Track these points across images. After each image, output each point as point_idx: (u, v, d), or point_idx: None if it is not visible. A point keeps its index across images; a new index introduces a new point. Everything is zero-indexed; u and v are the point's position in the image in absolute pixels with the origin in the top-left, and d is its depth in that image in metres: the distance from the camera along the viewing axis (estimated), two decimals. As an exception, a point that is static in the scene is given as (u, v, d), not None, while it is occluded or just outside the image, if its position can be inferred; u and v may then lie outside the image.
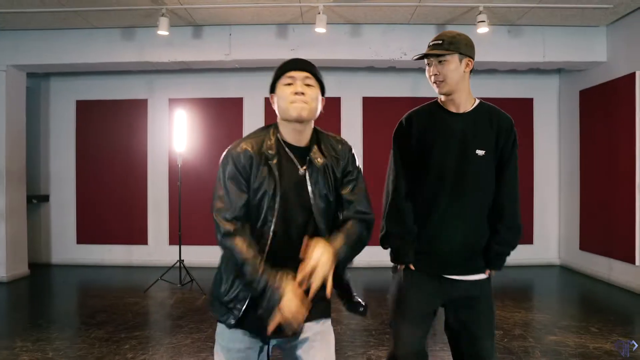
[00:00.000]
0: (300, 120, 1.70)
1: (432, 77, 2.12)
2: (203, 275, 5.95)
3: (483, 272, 2.15)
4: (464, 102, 2.13)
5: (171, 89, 7.12)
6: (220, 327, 1.81)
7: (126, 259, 7.15)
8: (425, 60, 2.14)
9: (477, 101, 2.16)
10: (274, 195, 1.68)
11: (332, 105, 6.89)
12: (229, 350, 1.79)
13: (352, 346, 3.80)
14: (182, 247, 6.04)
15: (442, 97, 2.17)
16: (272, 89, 1.78)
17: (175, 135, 5.88)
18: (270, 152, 1.71)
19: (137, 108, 7.16)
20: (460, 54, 2.06)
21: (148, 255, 7.11)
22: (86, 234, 7.20)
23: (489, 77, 6.96)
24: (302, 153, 1.75)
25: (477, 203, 2.12)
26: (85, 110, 7.19)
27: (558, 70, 6.95)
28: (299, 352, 1.78)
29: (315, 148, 1.75)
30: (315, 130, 1.81)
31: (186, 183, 6.62)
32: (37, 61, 6.15)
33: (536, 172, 7.12)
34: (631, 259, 5.43)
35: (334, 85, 6.92)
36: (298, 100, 1.68)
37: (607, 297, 5.37)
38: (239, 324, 1.74)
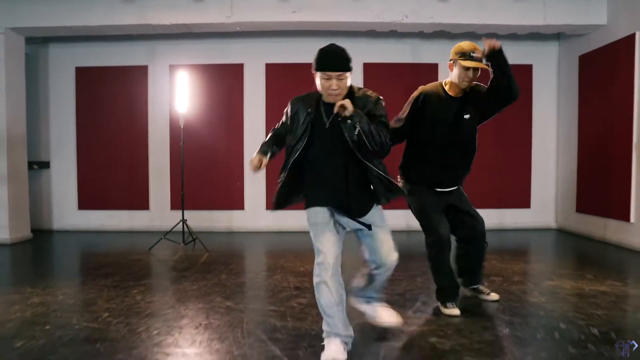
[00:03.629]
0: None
1: (468, 79, 3.24)
2: (205, 238, 6.03)
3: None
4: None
5: (172, 55, 7.11)
6: (307, 211, 2.57)
7: (127, 224, 7.21)
8: (466, 63, 3.22)
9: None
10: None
11: (333, 71, 6.90)
12: (315, 225, 2.51)
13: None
14: (186, 211, 6.10)
15: (454, 88, 3.32)
16: (315, 68, 2.48)
17: (178, 97, 5.90)
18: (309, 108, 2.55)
19: (137, 74, 7.15)
20: None
21: (150, 221, 7.17)
22: (87, 200, 7.24)
23: (489, 42, 6.99)
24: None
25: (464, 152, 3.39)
26: (85, 77, 7.18)
27: (557, 35, 7.00)
28: (368, 236, 2.58)
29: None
30: (350, 89, 2.51)
31: (187, 149, 6.66)
32: (36, 24, 6.12)
33: (534, 139, 7.19)
34: (626, 217, 5.55)
35: (335, 50, 6.93)
36: (333, 94, 2.42)
37: (602, 253, 5.48)
38: (312, 203, 2.55)
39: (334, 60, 2.43)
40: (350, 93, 2.51)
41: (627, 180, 5.52)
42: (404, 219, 6.39)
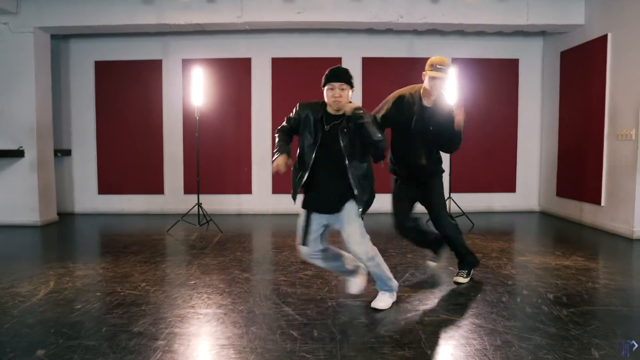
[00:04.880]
0: (337, 110, 3.06)
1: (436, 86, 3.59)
2: (217, 220, 6.64)
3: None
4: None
5: (184, 50, 7.65)
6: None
7: (144, 207, 7.82)
8: (433, 74, 3.53)
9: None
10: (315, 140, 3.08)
11: (334, 64, 7.43)
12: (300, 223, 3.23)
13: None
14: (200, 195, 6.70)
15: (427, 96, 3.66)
16: (324, 85, 3.07)
17: (194, 90, 6.46)
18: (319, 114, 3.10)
19: (152, 68, 7.70)
20: None
21: (164, 204, 7.79)
22: (106, 185, 7.84)
23: (478, 38, 7.53)
24: (335, 118, 3.07)
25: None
26: (104, 70, 7.72)
27: (542, 32, 7.52)
28: (341, 226, 3.11)
29: (343, 119, 3.06)
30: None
31: (200, 138, 7.22)
32: (61, 23, 6.65)
33: (520, 127, 7.78)
34: (598, 201, 6.16)
35: (336, 46, 7.49)
36: (336, 101, 3.01)
37: (575, 234, 6.10)
38: (304, 206, 3.20)
39: (335, 75, 3.05)
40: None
41: (599, 168, 6.12)
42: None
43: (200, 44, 7.61)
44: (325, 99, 3.08)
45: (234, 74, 7.65)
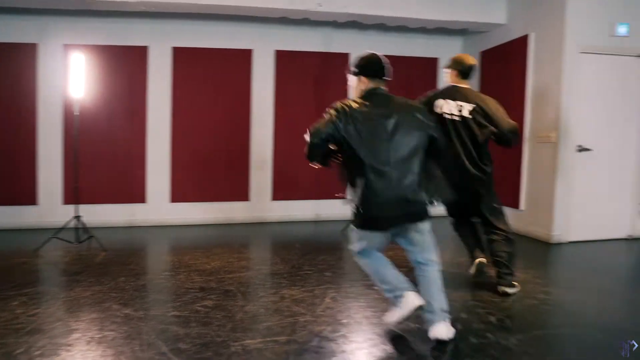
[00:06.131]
0: None
1: None
2: (103, 234, 5.59)
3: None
4: None
5: (67, 34, 6.44)
6: None
7: (12, 221, 6.48)
8: None
9: None
10: None
11: (244, 58, 6.66)
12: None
13: (263, 288, 3.78)
14: (81, 205, 5.60)
15: None
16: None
17: (72, 81, 5.36)
18: None
19: (25, 53, 6.39)
20: None
21: (38, 217, 6.49)
22: (-35, 195, 6.44)
23: (399, 35, 7.11)
24: None
25: None
26: (-40, 54, 6.34)
27: (462, 31, 7.26)
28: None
29: None
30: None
31: (83, 138, 6.09)
32: None
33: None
34: (516, 205, 5.99)
35: (247, 37, 6.71)
36: None
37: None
38: None
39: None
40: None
41: (518, 172, 5.96)
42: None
43: (87, 27, 6.46)
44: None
45: (128, 64, 6.59)
